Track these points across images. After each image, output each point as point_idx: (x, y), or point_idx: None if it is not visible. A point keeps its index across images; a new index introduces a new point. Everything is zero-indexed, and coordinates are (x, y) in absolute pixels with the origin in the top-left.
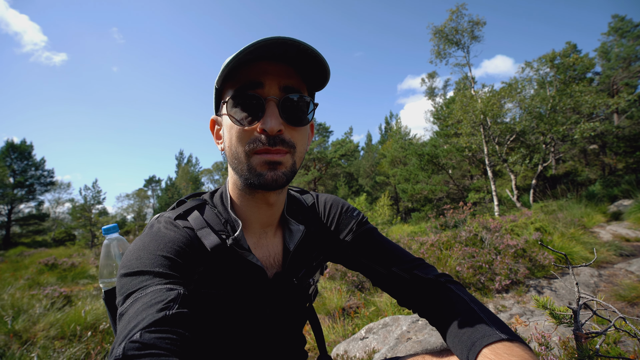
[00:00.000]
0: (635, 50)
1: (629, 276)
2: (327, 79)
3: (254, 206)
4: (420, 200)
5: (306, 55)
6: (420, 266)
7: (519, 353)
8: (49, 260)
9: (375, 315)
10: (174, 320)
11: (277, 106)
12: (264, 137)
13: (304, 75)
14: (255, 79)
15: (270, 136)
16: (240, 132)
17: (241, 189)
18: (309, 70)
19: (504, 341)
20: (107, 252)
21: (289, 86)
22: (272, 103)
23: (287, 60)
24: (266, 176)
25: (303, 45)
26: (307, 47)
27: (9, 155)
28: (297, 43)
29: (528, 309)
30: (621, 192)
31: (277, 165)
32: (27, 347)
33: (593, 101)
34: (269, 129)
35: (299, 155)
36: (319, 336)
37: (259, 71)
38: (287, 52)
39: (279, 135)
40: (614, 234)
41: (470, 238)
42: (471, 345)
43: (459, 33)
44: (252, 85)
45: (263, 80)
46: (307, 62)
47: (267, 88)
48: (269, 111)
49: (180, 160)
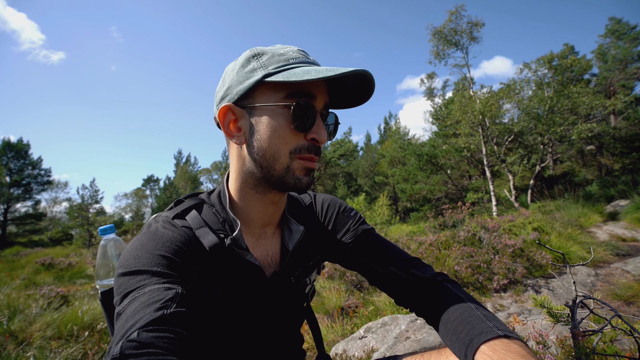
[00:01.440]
0: (631, 52)
1: (625, 275)
2: (363, 101)
3: (259, 205)
4: (419, 200)
5: (367, 89)
6: (418, 265)
7: (516, 349)
8: (46, 260)
9: (374, 315)
10: (172, 320)
11: (322, 120)
12: (311, 145)
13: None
14: (310, 91)
15: (316, 146)
16: (288, 134)
17: (253, 187)
18: (342, 93)
19: (501, 338)
20: (104, 252)
21: (328, 104)
22: (320, 116)
23: (330, 80)
24: (303, 180)
25: (372, 82)
26: (372, 84)
27: (6, 154)
28: (372, 80)
29: (526, 308)
30: (618, 193)
31: (311, 172)
32: (23, 348)
33: (590, 102)
34: (321, 140)
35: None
36: (317, 335)
37: (314, 85)
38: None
39: (319, 146)
40: (610, 233)
41: (469, 238)
42: (469, 342)
43: (458, 34)
44: (306, 95)
45: (316, 93)
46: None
47: (318, 102)
48: (319, 123)
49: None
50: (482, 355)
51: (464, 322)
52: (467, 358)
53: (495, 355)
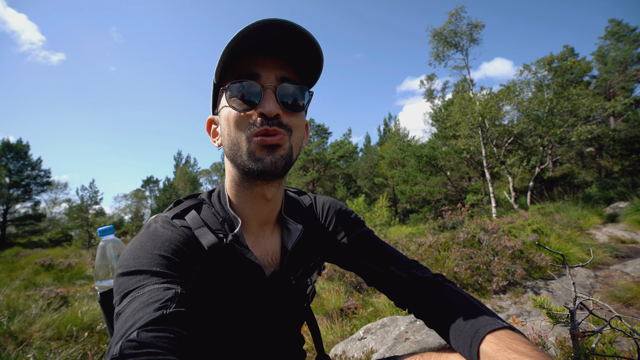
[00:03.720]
0: (631, 54)
1: (624, 277)
2: (320, 66)
3: (252, 202)
4: (419, 201)
5: (299, 41)
6: (417, 267)
7: (520, 339)
8: (45, 261)
9: (374, 316)
10: (172, 319)
11: (274, 93)
12: (261, 120)
13: (298, 70)
14: (252, 70)
15: (268, 119)
16: (238, 118)
17: (239, 184)
18: (302, 64)
19: (506, 329)
20: (103, 253)
21: (285, 76)
22: (269, 90)
23: (282, 54)
24: (265, 160)
25: (298, 28)
26: (300, 29)
27: (5, 154)
28: (291, 26)
29: (525, 310)
30: (617, 195)
31: (275, 148)
32: (23, 348)
33: (590, 104)
34: (268, 112)
35: (295, 141)
36: (316, 336)
37: (255, 64)
38: (280, 39)
39: (277, 118)
40: (609, 235)
41: (468, 239)
42: (475, 332)
43: (457, 36)
44: (249, 76)
45: (259, 71)
46: (300, 54)
47: (264, 78)
48: (266, 96)
49: (179, 161)
50: (488, 343)
51: (469, 317)
52: (473, 347)
53: (502, 343)
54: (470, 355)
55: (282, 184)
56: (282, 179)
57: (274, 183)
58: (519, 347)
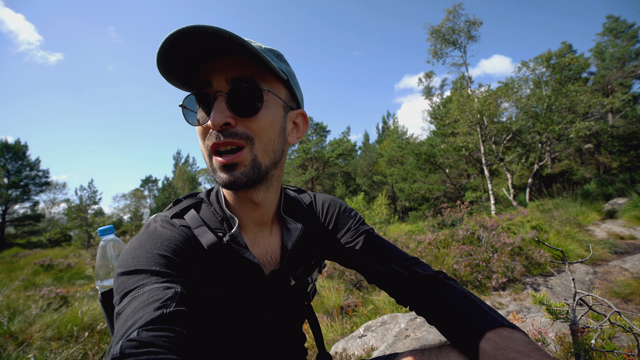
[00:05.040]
0: (629, 50)
1: (623, 273)
2: (261, 59)
3: (241, 205)
4: (418, 199)
5: (220, 38)
6: (418, 264)
7: (520, 337)
8: (45, 261)
9: (374, 314)
10: (172, 318)
11: (224, 99)
12: (211, 133)
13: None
14: (205, 78)
15: (218, 131)
16: (200, 131)
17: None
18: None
19: (505, 327)
20: (103, 253)
21: (239, 77)
22: (220, 97)
23: (235, 50)
24: (224, 178)
25: (210, 30)
26: (214, 30)
27: (3, 155)
28: (200, 29)
29: (525, 306)
30: (616, 191)
31: (233, 167)
32: (23, 349)
33: (588, 101)
34: (212, 124)
35: (261, 147)
36: (317, 334)
37: (208, 69)
38: (203, 40)
39: (228, 129)
40: (608, 232)
41: (468, 236)
42: (475, 330)
43: (455, 33)
44: (203, 85)
45: (211, 78)
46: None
47: (215, 84)
48: (215, 105)
49: (178, 160)
50: (488, 341)
51: (469, 314)
52: (473, 345)
53: (501, 342)
54: (470, 353)
55: (270, 188)
56: (265, 185)
57: (256, 189)
58: (518, 346)
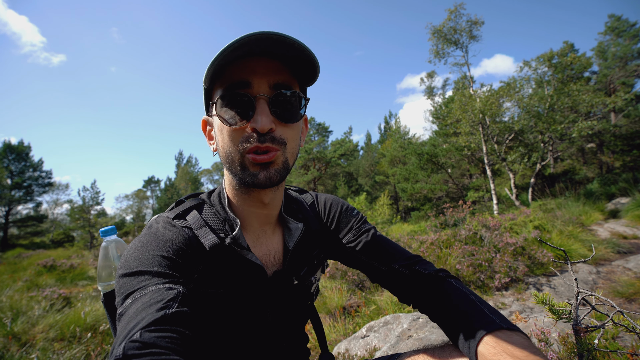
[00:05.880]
0: (631, 49)
1: (626, 273)
2: (316, 73)
3: (250, 205)
4: (420, 199)
5: (294, 50)
6: (420, 262)
7: (518, 340)
8: (48, 262)
9: (376, 314)
10: (174, 319)
11: (267, 104)
12: (255, 135)
13: (294, 70)
14: (243, 78)
15: (261, 134)
16: (231, 132)
17: (237, 189)
18: (298, 65)
19: (504, 330)
20: (105, 254)
21: (280, 83)
22: (262, 101)
23: (276, 55)
24: (259, 176)
25: (289, 40)
26: (293, 41)
27: (7, 156)
28: (283, 38)
29: (527, 306)
30: (619, 190)
31: (268, 165)
32: (26, 349)
33: (590, 100)
34: (260, 128)
35: (290, 151)
36: (320, 334)
37: (246, 70)
38: (273, 48)
39: (270, 133)
40: (611, 231)
41: (470, 236)
42: (473, 333)
43: (457, 33)
44: (240, 85)
45: (251, 79)
46: (295, 57)
47: (256, 87)
48: (259, 109)
49: (180, 161)
50: (485, 345)
51: (468, 315)
52: (471, 349)
53: (498, 346)
54: (469, 355)
55: (280, 188)
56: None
57: (270, 189)
58: (515, 351)
